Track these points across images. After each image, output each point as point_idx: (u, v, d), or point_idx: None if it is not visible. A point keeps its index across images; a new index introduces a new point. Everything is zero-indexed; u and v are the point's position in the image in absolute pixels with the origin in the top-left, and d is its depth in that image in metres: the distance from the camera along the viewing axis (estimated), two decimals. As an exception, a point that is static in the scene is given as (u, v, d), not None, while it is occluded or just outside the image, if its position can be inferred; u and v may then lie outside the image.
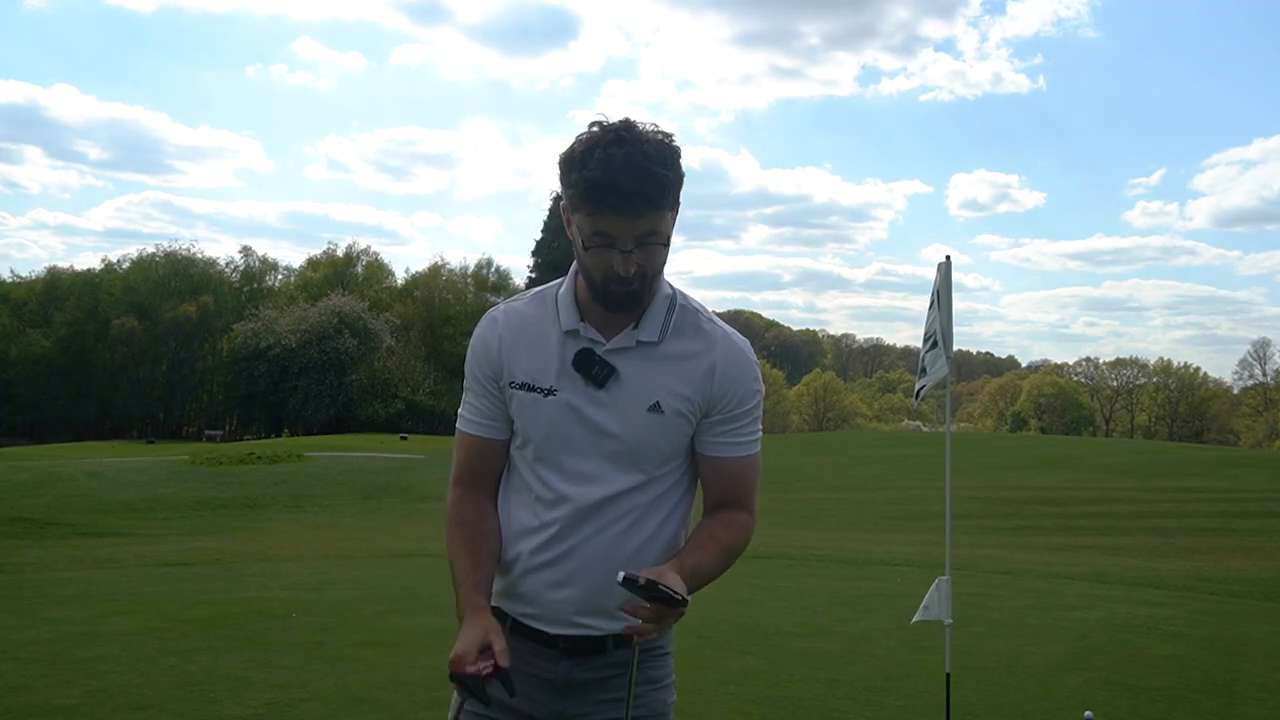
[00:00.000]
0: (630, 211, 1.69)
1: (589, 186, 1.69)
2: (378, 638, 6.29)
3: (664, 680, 1.97)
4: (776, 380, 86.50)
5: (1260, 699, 5.41)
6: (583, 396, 1.85)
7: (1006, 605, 8.23)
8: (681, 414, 1.87)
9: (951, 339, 4.80)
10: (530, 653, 1.91)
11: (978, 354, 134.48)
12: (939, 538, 10.20)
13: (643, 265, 1.76)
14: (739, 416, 1.91)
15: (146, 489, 25.71)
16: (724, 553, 1.89)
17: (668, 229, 1.77)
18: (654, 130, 1.73)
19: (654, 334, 1.86)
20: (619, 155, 1.67)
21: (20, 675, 5.32)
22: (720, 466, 1.94)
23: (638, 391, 1.85)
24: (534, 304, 1.94)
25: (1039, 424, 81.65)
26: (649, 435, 1.86)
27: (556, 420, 1.86)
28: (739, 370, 1.89)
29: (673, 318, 1.88)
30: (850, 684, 5.46)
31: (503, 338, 1.91)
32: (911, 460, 33.70)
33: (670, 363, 1.86)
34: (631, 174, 1.67)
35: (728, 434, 1.92)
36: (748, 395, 1.91)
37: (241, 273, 74.21)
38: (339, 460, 31.30)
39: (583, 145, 1.72)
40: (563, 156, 1.75)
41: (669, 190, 1.72)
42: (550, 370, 1.87)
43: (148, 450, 43.93)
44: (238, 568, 10.73)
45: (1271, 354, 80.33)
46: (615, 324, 1.86)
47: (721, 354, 1.88)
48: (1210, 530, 18.49)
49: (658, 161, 1.69)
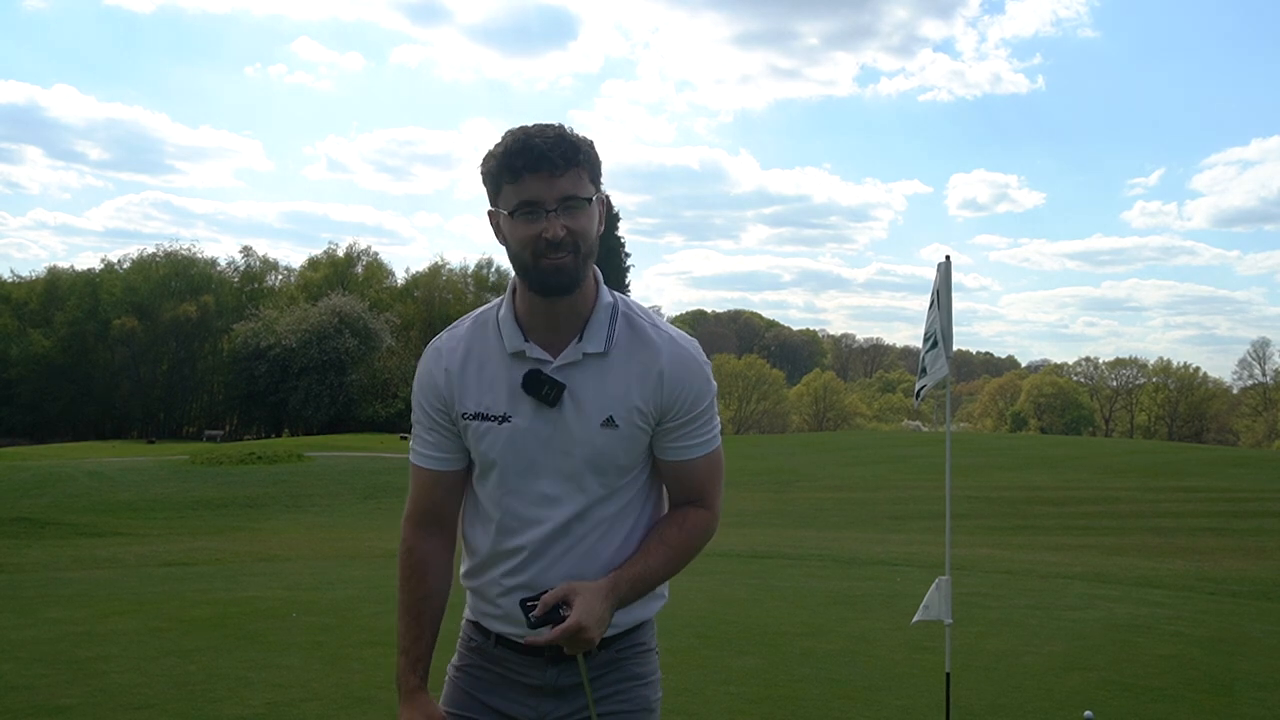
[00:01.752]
0: (548, 166, 1.75)
1: (507, 155, 1.77)
2: (378, 638, 6.32)
3: (648, 677, 1.99)
4: (776, 380, 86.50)
5: (1260, 699, 5.41)
6: (536, 419, 1.85)
7: (1006, 605, 8.23)
8: (636, 425, 1.87)
9: (951, 339, 4.80)
10: (517, 662, 1.94)
11: (977, 354, 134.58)
12: (939, 538, 10.19)
13: (571, 230, 1.77)
14: (694, 419, 1.91)
15: (146, 489, 25.70)
16: (673, 553, 1.92)
17: (589, 192, 1.80)
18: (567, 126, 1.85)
19: (599, 345, 1.85)
20: (530, 128, 1.80)
21: (20, 675, 5.32)
22: (680, 470, 1.95)
23: (590, 407, 1.85)
24: (474, 330, 1.93)
25: (1039, 424, 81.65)
26: (607, 450, 1.86)
27: (514, 446, 1.86)
28: (687, 374, 1.89)
29: (616, 326, 1.88)
30: (850, 684, 5.46)
31: (449, 371, 1.91)
32: (911, 460, 33.74)
33: (619, 374, 1.86)
34: (544, 138, 1.77)
35: (684, 437, 1.92)
36: (700, 397, 1.91)
37: (242, 273, 74.10)
38: (339, 460, 31.30)
39: (496, 141, 1.83)
40: (483, 160, 1.83)
41: (582, 150, 1.79)
42: (501, 396, 1.86)
43: (148, 450, 43.92)
44: (238, 568, 10.74)
45: (1271, 354, 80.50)
46: (560, 336, 1.86)
47: (668, 361, 1.87)
48: (1210, 530, 18.50)
49: (566, 131, 1.80)
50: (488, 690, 1.97)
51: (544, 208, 1.76)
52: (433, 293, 70.26)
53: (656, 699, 1.99)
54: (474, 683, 1.99)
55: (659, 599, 2.02)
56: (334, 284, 66.84)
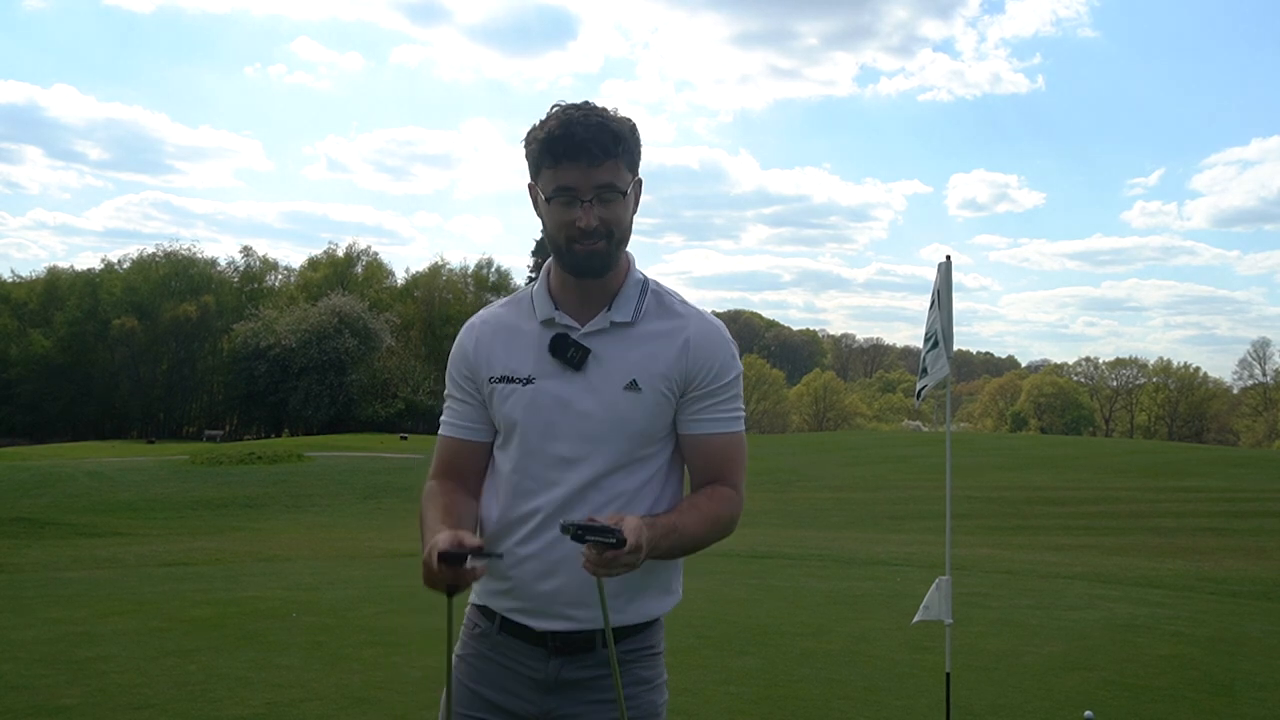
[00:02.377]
0: (586, 158, 1.77)
1: (548, 140, 1.79)
2: (378, 638, 6.29)
3: (655, 680, 1.97)
4: (776, 380, 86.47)
5: (1260, 699, 5.41)
6: (560, 380, 1.89)
7: (1006, 605, 8.23)
8: (659, 392, 1.89)
9: (952, 339, 4.80)
10: (518, 651, 1.94)
11: (978, 354, 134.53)
12: (939, 538, 10.19)
13: (604, 219, 1.81)
14: (717, 391, 1.92)
15: (146, 489, 25.70)
16: (706, 520, 1.88)
17: (625, 183, 1.83)
18: (611, 108, 1.85)
19: (628, 315, 1.90)
20: (574, 113, 1.81)
21: (20, 675, 5.32)
22: (702, 444, 1.94)
23: (614, 371, 1.88)
24: (510, 306, 2.01)
25: (1039, 424, 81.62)
26: (628, 414, 1.88)
27: (536, 406, 1.89)
28: (712, 345, 1.91)
29: (645, 300, 1.93)
30: (850, 684, 5.46)
31: (479, 339, 1.97)
32: (911, 460, 33.74)
33: (645, 342, 1.90)
34: (586, 125, 1.78)
35: (707, 409, 1.92)
36: (725, 369, 1.92)
37: (241, 273, 74.10)
38: (339, 460, 31.29)
39: (544, 116, 1.85)
40: (527, 133, 1.85)
41: (622, 141, 1.81)
42: (528, 360, 1.91)
43: (148, 450, 43.90)
44: (238, 568, 10.73)
45: (1271, 354, 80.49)
46: (590, 309, 1.91)
47: (695, 330, 1.91)
48: (1210, 530, 18.49)
49: (611, 118, 1.81)
50: (491, 684, 1.96)
51: (580, 197, 1.80)
52: (433, 293, 70.24)
53: (663, 702, 1.98)
54: (478, 675, 1.98)
55: (672, 595, 1.98)
56: (334, 284, 66.81)
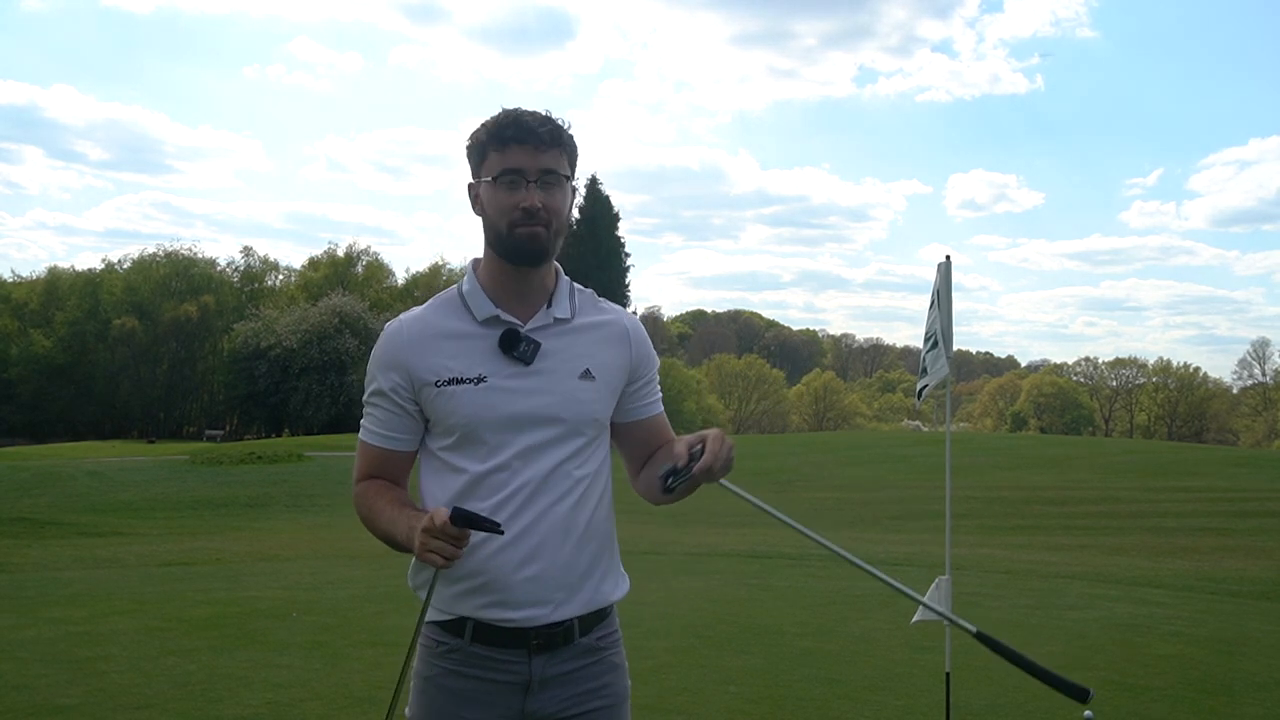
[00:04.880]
0: (534, 139, 1.86)
1: (497, 127, 1.89)
2: (378, 638, 6.28)
3: (623, 665, 2.06)
4: (776, 380, 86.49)
5: (1260, 699, 5.41)
6: (513, 376, 1.90)
7: (1006, 605, 8.23)
8: (609, 381, 1.98)
9: (952, 339, 4.80)
10: (495, 658, 1.90)
11: (977, 354, 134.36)
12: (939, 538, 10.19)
13: (547, 205, 1.87)
14: (652, 379, 2.10)
15: (146, 489, 25.70)
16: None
17: (566, 171, 1.90)
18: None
19: (566, 311, 1.97)
20: (519, 108, 1.93)
21: (20, 675, 5.32)
22: (651, 425, 2.10)
23: (566, 362, 1.93)
24: (436, 309, 1.99)
25: (1039, 424, 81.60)
26: (585, 401, 1.93)
27: (491, 404, 1.89)
28: (644, 336, 2.09)
29: (575, 297, 2.01)
30: (850, 684, 5.46)
31: (411, 344, 1.93)
32: (911, 460, 33.72)
33: (587, 334, 1.98)
34: (533, 115, 1.90)
35: (650, 394, 2.10)
36: (654, 358, 2.12)
37: (242, 273, 74.10)
38: (339, 460, 31.26)
39: (490, 117, 1.95)
40: (470, 135, 1.93)
41: (565, 136, 1.91)
42: (474, 360, 1.91)
43: (148, 450, 43.90)
44: (238, 568, 10.74)
45: (1270, 354, 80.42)
46: (529, 306, 1.95)
47: (630, 324, 2.05)
48: (1210, 530, 18.48)
49: (553, 116, 1.93)
50: (465, 702, 1.91)
51: (525, 177, 1.86)
52: (433, 293, 69.69)
53: (629, 684, 2.07)
54: (449, 697, 1.91)
55: (625, 580, 2.06)
56: (334, 284, 66.78)
